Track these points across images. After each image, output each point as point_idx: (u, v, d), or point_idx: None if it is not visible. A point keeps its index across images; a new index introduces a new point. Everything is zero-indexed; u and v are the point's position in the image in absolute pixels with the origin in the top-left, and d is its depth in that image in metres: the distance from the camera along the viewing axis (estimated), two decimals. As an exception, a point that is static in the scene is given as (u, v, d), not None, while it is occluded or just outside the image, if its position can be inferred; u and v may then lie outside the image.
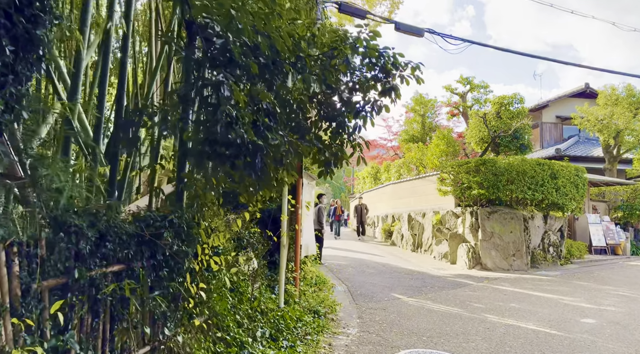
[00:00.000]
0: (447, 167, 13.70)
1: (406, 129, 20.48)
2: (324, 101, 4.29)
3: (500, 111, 15.42)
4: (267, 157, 3.79)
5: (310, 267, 8.14)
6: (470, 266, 12.64)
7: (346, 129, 4.39)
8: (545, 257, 13.22)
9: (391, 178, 20.84)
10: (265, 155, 3.40)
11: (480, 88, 21.69)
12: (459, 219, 13.83)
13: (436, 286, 9.99)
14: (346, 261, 13.28)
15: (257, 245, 6.38)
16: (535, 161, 12.67)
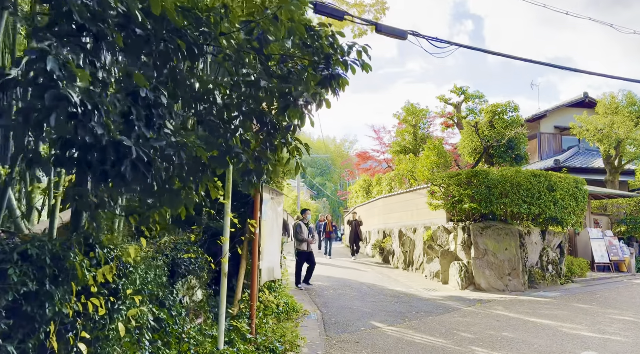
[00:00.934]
0: (437, 180, 12.82)
1: (397, 140, 19.66)
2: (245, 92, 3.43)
3: (494, 120, 14.58)
4: (167, 167, 2.92)
5: (269, 295, 7.20)
6: (463, 286, 11.68)
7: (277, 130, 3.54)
8: (543, 276, 12.25)
9: (382, 191, 19.95)
10: (149, 163, 2.52)
11: (475, 98, 20.90)
12: (451, 235, 12.91)
13: (422, 310, 9.03)
14: (329, 281, 12.33)
15: (201, 272, 5.47)
16: (531, 172, 11.79)
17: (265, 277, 6.74)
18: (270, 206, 6.94)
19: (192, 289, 5.31)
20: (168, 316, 4.51)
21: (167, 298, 4.73)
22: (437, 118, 23.20)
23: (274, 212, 7.20)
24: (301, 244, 11.11)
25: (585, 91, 24.21)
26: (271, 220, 6.99)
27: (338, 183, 58.29)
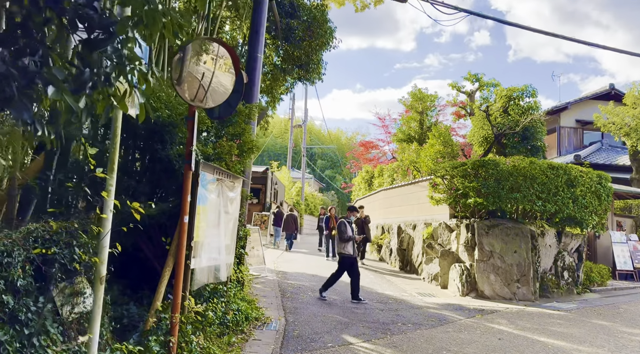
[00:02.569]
0: (440, 170, 11.30)
1: (402, 128, 18.07)
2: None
3: (509, 106, 12.96)
4: None
5: (213, 302, 5.75)
6: (464, 292, 10.18)
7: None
8: (558, 285, 10.68)
9: (384, 184, 18.45)
10: None
11: (490, 86, 19.36)
12: (453, 234, 11.39)
13: (411, 322, 7.58)
14: (312, 281, 10.92)
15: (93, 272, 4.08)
16: (548, 164, 10.19)
17: (202, 279, 5.36)
18: (215, 189, 5.54)
19: (79, 295, 3.94)
20: (11, 336, 3.14)
21: (23, 309, 3.38)
22: (448, 107, 21.60)
23: (223, 198, 5.80)
24: (346, 246, 9.11)
25: (612, 83, 22.29)
26: (216, 207, 5.60)
27: (348, 176, 56.76)
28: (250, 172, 8.10)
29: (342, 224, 9.22)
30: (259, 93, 8.14)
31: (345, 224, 9.25)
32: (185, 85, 5.01)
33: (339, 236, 9.12)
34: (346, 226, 9.21)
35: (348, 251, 9.07)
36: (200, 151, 5.56)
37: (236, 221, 6.54)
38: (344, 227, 9.16)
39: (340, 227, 9.16)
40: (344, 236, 9.09)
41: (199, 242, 5.21)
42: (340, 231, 9.13)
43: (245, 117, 6.68)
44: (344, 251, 9.09)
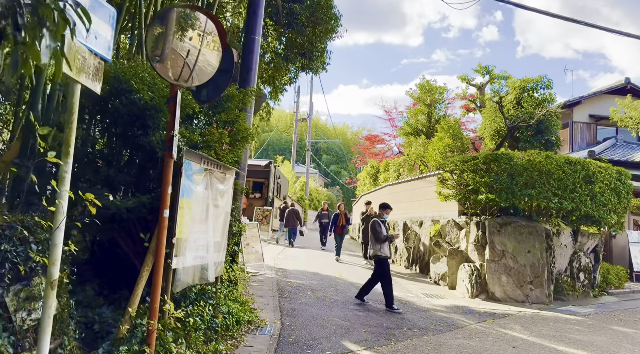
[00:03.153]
0: (449, 165, 10.69)
1: (409, 121, 17.42)
2: None
3: (522, 98, 12.32)
4: None
5: (198, 306, 5.18)
6: (473, 294, 9.61)
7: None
8: (573, 287, 10.07)
9: (389, 179, 17.84)
10: None
11: (501, 79, 18.73)
12: (462, 232, 10.81)
13: (417, 326, 7.02)
14: (312, 280, 10.38)
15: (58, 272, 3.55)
16: (565, 159, 9.57)
17: (187, 280, 4.82)
18: (202, 180, 4.99)
19: (37, 300, 3.41)
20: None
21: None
22: (457, 101, 20.97)
23: (212, 191, 5.25)
24: (382, 247, 8.30)
25: (627, 76, 21.48)
26: (203, 200, 5.05)
27: (353, 171, 56.11)
28: (246, 164, 7.55)
29: (377, 223, 8.40)
30: (256, 78, 7.58)
31: (380, 223, 8.42)
32: (167, 63, 4.45)
33: (374, 236, 8.33)
34: (380, 226, 8.39)
35: (385, 252, 8.30)
36: (186, 137, 5.01)
37: (227, 215, 6.00)
38: (378, 226, 8.35)
39: (375, 226, 8.36)
40: (380, 236, 8.28)
41: (182, 239, 4.67)
42: (374, 230, 8.33)
43: (238, 103, 6.12)
44: (381, 253, 8.29)
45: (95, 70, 3.19)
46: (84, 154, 5.00)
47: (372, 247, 8.45)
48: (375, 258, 8.46)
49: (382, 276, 8.20)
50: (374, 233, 8.34)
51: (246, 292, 8.19)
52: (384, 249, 8.30)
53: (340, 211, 14.32)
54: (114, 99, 5.01)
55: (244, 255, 10.13)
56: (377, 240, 8.31)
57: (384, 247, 8.30)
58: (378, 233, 8.31)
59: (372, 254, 8.47)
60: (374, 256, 8.48)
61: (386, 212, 8.74)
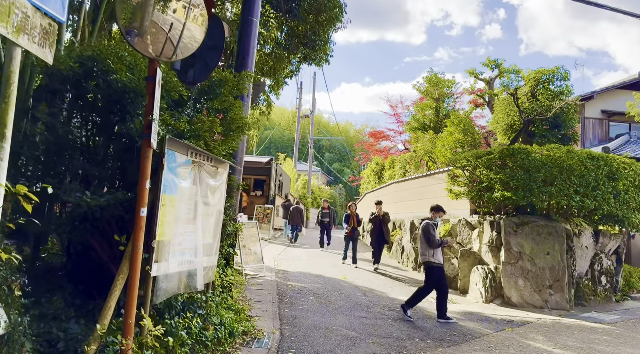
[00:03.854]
0: (461, 160, 10.03)
1: (416, 116, 16.73)
2: None
3: (537, 91, 11.64)
4: None
5: (181, 322, 4.52)
6: (487, 298, 8.96)
7: None
8: (594, 291, 9.40)
9: (395, 176, 17.18)
10: None
11: (511, 73, 18.06)
12: (475, 232, 10.15)
13: (430, 336, 6.38)
14: (315, 282, 9.74)
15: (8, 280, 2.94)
16: (587, 154, 8.90)
17: (171, 288, 4.19)
18: (189, 174, 4.35)
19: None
20: None
21: None
22: (465, 95, 20.29)
23: (201, 186, 4.62)
24: (435, 253, 7.45)
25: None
26: (190, 197, 4.42)
27: (356, 169, 55.39)
28: (243, 158, 6.91)
29: (430, 226, 7.53)
30: (253, 63, 6.93)
31: (433, 226, 7.58)
32: (147, 38, 3.82)
33: (427, 241, 7.45)
34: (435, 229, 7.54)
35: (438, 259, 7.46)
36: (171, 125, 4.38)
37: (220, 214, 5.36)
38: (432, 230, 7.49)
39: (429, 230, 7.48)
40: (433, 240, 7.41)
41: (164, 242, 4.03)
42: (427, 234, 7.47)
43: (233, 89, 5.47)
44: (434, 260, 7.44)
45: (45, 33, 2.55)
46: (53, 143, 4.37)
47: (423, 253, 7.57)
48: (426, 265, 7.59)
49: (438, 284, 7.44)
50: (427, 237, 7.45)
51: (243, 297, 7.56)
52: (438, 256, 7.45)
53: (352, 212, 12.97)
54: (88, 81, 4.38)
55: (242, 256, 9.50)
56: (431, 245, 7.42)
57: (438, 253, 7.46)
58: (432, 237, 7.42)
59: (423, 261, 7.63)
60: (424, 263, 7.63)
61: (439, 214, 7.85)
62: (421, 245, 7.63)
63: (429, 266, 7.54)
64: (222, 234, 5.95)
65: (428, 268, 7.58)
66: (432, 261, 7.46)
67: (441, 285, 7.47)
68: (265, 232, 18.03)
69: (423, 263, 7.66)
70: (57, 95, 4.49)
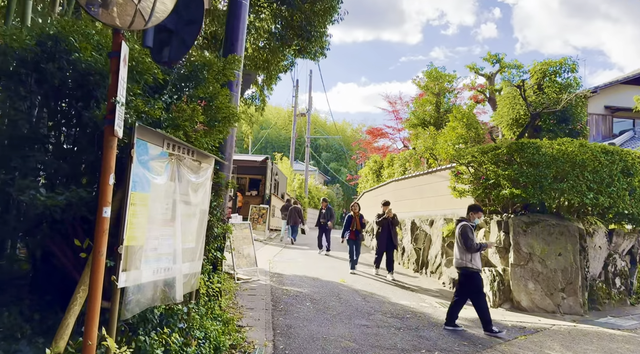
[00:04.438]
0: (466, 156, 9.48)
1: (415, 112, 16.17)
2: None
3: (543, 83, 11.11)
4: None
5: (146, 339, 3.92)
6: (496, 302, 8.42)
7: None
8: (609, 294, 8.88)
9: (394, 174, 16.63)
10: None
11: (512, 68, 17.57)
12: (481, 232, 9.60)
13: (437, 347, 5.83)
14: (313, 287, 9.17)
15: None
16: (601, 148, 8.37)
17: (144, 300, 3.63)
18: (165, 169, 3.79)
19: None
20: None
21: None
22: (465, 91, 19.78)
23: (181, 183, 4.05)
24: (474, 258, 6.69)
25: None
26: (167, 195, 3.85)
27: (354, 169, 54.80)
28: (232, 152, 6.34)
29: (469, 229, 6.74)
30: (243, 49, 6.35)
31: (471, 229, 6.80)
32: (114, 10, 3.25)
33: (465, 244, 6.68)
34: (472, 232, 6.81)
35: (477, 265, 6.71)
36: (144, 113, 3.80)
37: (205, 214, 4.78)
38: (470, 233, 6.73)
39: (466, 233, 6.71)
40: (472, 244, 6.64)
41: (134, 248, 3.46)
42: (465, 237, 6.69)
43: (218, 74, 4.90)
44: (472, 265, 6.68)
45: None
46: (9, 135, 3.79)
47: (459, 257, 6.78)
48: (462, 271, 6.79)
49: (476, 293, 6.71)
50: (465, 241, 6.67)
51: (234, 304, 6.99)
52: (476, 261, 6.72)
53: (355, 213, 11.66)
54: (50, 63, 3.80)
55: (234, 259, 8.93)
56: (469, 249, 6.67)
57: (476, 258, 6.72)
58: (470, 241, 6.65)
59: (459, 266, 6.82)
60: (460, 269, 6.81)
61: (477, 215, 7.03)
62: (457, 249, 6.82)
63: (465, 273, 6.74)
64: (208, 236, 5.38)
65: (465, 275, 6.77)
66: (470, 267, 6.67)
67: (481, 293, 6.71)
68: (261, 233, 17.46)
69: (459, 269, 6.86)
70: (14, 79, 3.91)
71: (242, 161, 22.66)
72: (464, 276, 6.82)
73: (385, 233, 10.98)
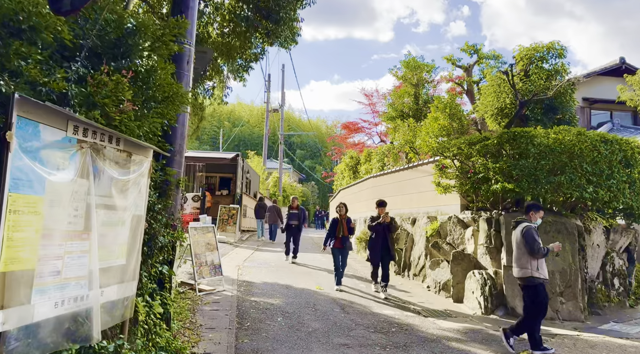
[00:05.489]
0: (452, 149, 8.65)
1: (393, 104, 15.33)
2: None
3: (529, 70, 10.37)
4: None
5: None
6: (488, 309, 7.60)
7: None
8: (608, 296, 8.18)
9: (372, 170, 15.77)
10: None
11: (490, 59, 16.94)
12: (468, 231, 8.79)
13: (431, 371, 4.91)
14: (285, 296, 8.17)
15: None
16: (600, 137, 7.63)
17: (40, 346, 2.59)
18: (72, 161, 2.76)
19: None
20: None
21: None
22: (442, 83, 19.12)
23: (99, 181, 3.02)
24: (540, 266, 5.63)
25: (622, 56, 20.07)
26: (77, 197, 2.82)
27: (329, 166, 53.89)
28: (184, 144, 5.28)
29: (534, 231, 5.66)
30: (195, 18, 5.30)
31: (536, 231, 5.75)
32: None
33: (530, 250, 5.57)
34: (538, 234, 5.75)
35: (544, 273, 5.65)
36: (43, 85, 2.75)
37: (140, 221, 3.74)
38: (537, 235, 5.66)
39: (533, 235, 5.60)
40: (539, 249, 5.54)
41: (18, 274, 2.42)
42: (531, 241, 5.57)
43: (156, 42, 3.87)
44: (539, 275, 5.61)
45: None
46: None
47: (522, 265, 5.69)
48: (527, 283, 5.68)
49: (539, 306, 5.63)
50: (532, 245, 5.56)
51: (191, 323, 5.94)
52: (543, 269, 5.65)
53: (341, 216, 9.36)
54: None
55: (195, 268, 7.86)
56: (535, 254, 5.57)
57: (543, 265, 5.66)
58: (537, 245, 5.55)
59: (522, 276, 5.71)
60: (524, 279, 5.70)
61: (539, 214, 5.91)
62: (520, 255, 5.73)
63: (531, 284, 5.63)
64: (151, 248, 4.33)
65: (530, 286, 5.65)
66: (537, 277, 5.59)
67: (541, 304, 5.67)
68: (231, 235, 16.35)
69: (522, 280, 5.73)
70: None
71: (211, 158, 21.49)
72: (529, 289, 5.67)
73: (379, 241, 8.91)
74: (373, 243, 9.06)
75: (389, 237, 9.02)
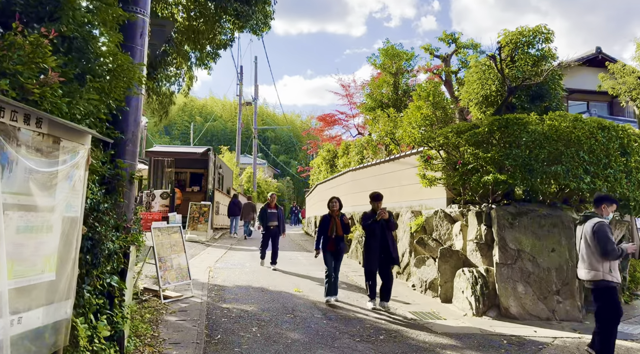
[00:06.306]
0: (438, 138, 8.06)
1: (371, 94, 14.71)
2: None
3: (516, 55, 9.87)
4: None
5: None
6: (479, 310, 7.05)
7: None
8: (604, 292, 7.72)
9: (350, 163, 15.14)
10: None
11: (468, 48, 16.56)
12: (456, 226, 8.24)
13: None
14: (260, 301, 7.45)
15: None
16: (597, 123, 7.15)
17: None
18: None
19: None
20: None
21: None
22: (420, 73, 18.61)
23: (16, 176, 2.28)
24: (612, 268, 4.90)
25: (598, 46, 19.99)
26: None
27: (304, 160, 53.07)
28: (138, 132, 4.48)
29: (607, 228, 4.90)
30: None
31: (610, 228, 4.97)
32: None
33: (604, 248, 4.80)
34: (612, 232, 5.01)
35: (617, 276, 4.92)
36: None
37: (75, 225, 2.97)
38: (610, 233, 4.91)
39: (606, 233, 4.84)
40: (613, 250, 4.80)
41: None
42: (605, 239, 4.81)
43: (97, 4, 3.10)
44: (612, 278, 4.89)
45: None
46: None
47: (592, 267, 4.95)
48: (599, 286, 4.95)
49: (615, 308, 4.93)
50: (605, 244, 4.81)
51: (153, 338, 5.18)
52: (616, 271, 4.92)
53: (334, 213, 7.84)
54: None
55: (159, 273, 7.07)
56: (608, 255, 4.82)
57: (615, 267, 4.91)
58: (612, 244, 4.82)
59: (593, 279, 4.95)
60: (596, 283, 4.96)
61: (612, 208, 5.17)
62: (589, 255, 4.98)
63: (605, 287, 4.91)
64: (96, 256, 3.56)
65: (604, 290, 4.92)
66: (610, 280, 4.88)
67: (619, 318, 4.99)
68: (203, 233, 15.49)
69: (593, 282, 4.98)
70: None
71: (180, 153, 20.52)
72: (601, 292, 4.96)
73: (377, 242, 7.35)
74: (369, 246, 7.47)
75: (389, 237, 7.43)
